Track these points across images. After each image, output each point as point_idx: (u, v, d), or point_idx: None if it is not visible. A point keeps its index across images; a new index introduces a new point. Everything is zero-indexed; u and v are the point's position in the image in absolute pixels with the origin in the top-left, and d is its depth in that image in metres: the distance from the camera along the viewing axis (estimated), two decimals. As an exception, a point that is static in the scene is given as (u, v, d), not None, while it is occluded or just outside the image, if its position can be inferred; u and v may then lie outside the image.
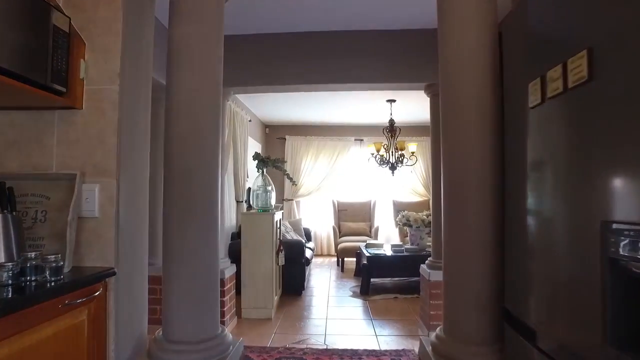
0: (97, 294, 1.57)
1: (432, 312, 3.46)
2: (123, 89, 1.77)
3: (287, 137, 8.32)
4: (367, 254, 5.33)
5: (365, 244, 6.03)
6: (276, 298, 4.34)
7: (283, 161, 4.32)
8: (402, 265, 5.24)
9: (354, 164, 8.37)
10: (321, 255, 8.28)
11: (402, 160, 6.25)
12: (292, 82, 3.62)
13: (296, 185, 4.16)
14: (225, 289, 3.57)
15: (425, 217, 5.73)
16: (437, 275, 3.45)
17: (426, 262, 3.69)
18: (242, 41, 3.64)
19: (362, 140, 8.30)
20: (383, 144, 6.19)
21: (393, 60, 3.60)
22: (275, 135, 8.37)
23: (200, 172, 1.91)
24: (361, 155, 8.31)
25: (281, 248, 4.29)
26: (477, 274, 1.75)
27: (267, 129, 8.41)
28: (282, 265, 4.51)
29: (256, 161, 4.28)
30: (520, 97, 1.49)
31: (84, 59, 1.73)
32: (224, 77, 2.08)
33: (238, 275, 4.08)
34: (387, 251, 5.58)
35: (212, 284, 1.95)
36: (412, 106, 6.52)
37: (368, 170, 8.21)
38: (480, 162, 1.77)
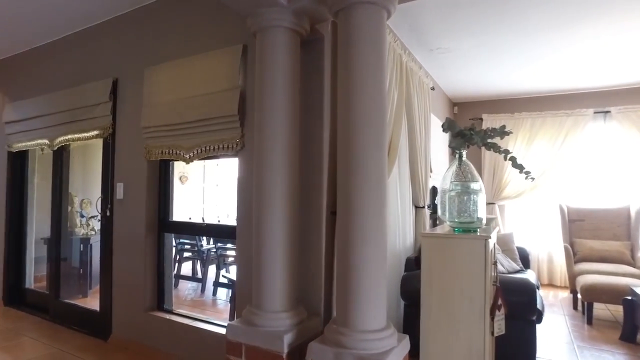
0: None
1: None
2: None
3: (484, 116, 6.00)
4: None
5: (645, 286, 3.38)
6: (490, 399, 2.26)
7: (505, 132, 2.23)
8: None
9: (593, 150, 5.51)
10: (541, 284, 5.66)
11: None
12: None
13: (533, 179, 1.90)
14: (387, 398, 1.70)
15: None
16: None
17: None
18: None
19: (607, 112, 5.38)
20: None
21: None
22: (468, 116, 6.12)
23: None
24: (607, 136, 5.41)
25: (500, 303, 2.19)
26: None
27: (456, 108, 6.24)
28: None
29: (447, 135, 2.28)
30: None
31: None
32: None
33: (416, 347, 2.17)
34: None
35: None
36: None
37: (621, 158, 5.27)
38: None
